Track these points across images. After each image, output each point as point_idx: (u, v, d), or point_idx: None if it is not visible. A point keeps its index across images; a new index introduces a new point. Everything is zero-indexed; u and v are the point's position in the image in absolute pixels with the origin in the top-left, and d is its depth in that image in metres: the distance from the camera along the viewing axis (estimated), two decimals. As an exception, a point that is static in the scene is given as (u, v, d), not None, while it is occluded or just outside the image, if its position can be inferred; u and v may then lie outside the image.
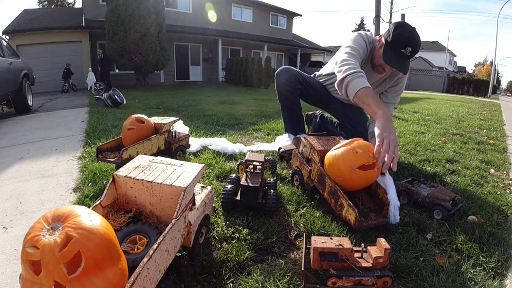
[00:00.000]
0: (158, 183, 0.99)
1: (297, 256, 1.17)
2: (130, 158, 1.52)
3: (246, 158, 1.59)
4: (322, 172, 1.48)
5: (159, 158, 1.16)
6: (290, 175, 1.83)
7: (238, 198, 1.43)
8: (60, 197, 1.64)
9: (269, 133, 3.19)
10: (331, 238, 1.03)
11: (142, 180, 1.00)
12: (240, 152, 2.33)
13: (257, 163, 1.57)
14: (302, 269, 1.00)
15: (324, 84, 2.34)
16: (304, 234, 1.21)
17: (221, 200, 1.43)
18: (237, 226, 1.30)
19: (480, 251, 1.23)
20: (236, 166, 1.97)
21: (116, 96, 5.41)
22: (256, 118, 4.16)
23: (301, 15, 20.78)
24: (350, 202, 1.29)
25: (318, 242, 1.00)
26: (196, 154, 2.29)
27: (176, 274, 1.02)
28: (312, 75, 2.46)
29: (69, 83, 10.67)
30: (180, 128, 2.31)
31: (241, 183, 1.45)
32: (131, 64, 10.27)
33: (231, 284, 1.00)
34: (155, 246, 0.79)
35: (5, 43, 5.10)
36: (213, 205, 1.29)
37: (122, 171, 1.05)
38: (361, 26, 44.67)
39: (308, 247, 1.10)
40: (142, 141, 1.86)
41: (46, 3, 27.81)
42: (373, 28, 5.33)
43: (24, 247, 0.66)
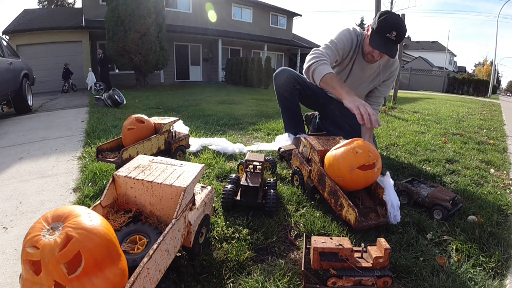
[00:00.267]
0: (158, 183, 0.99)
1: (297, 256, 1.17)
2: (130, 158, 1.52)
3: (246, 158, 1.59)
4: (322, 172, 1.48)
5: (159, 158, 1.16)
6: (290, 175, 1.83)
7: (238, 198, 1.43)
8: (60, 197, 1.64)
9: (269, 133, 3.19)
10: (331, 238, 1.03)
11: (142, 180, 1.00)
12: (240, 152, 2.33)
13: (257, 163, 1.57)
14: (302, 269, 1.00)
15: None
16: (304, 234, 1.21)
17: (221, 200, 1.43)
18: (237, 226, 1.30)
19: (480, 251, 1.23)
20: (236, 166, 1.97)
21: (116, 96, 5.41)
22: (256, 118, 4.17)
23: (301, 15, 20.78)
24: (350, 202, 1.29)
25: (318, 242, 1.00)
26: (196, 154, 2.29)
27: (176, 274, 1.02)
28: None
29: (69, 83, 10.61)
30: (180, 128, 2.31)
31: (241, 183, 1.45)
32: (131, 64, 10.27)
33: (231, 284, 1.00)
34: (155, 246, 0.79)
35: (5, 43, 5.10)
36: (213, 205, 1.29)
37: (122, 171, 1.05)
38: (361, 26, 44.66)
39: (308, 247, 1.10)
40: (142, 141, 1.86)
41: (46, 3, 27.80)
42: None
43: (24, 247, 0.66)
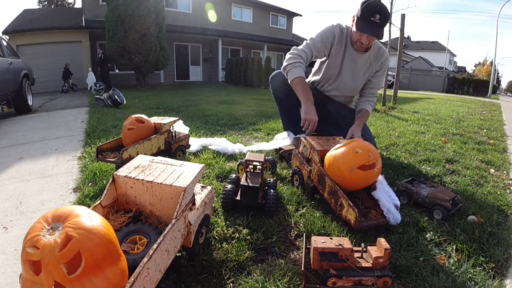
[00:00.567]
0: (158, 183, 0.99)
1: (297, 256, 1.17)
2: (130, 158, 1.52)
3: (246, 158, 1.59)
4: (322, 172, 1.48)
5: (159, 158, 1.16)
6: (290, 175, 1.83)
7: (238, 198, 1.43)
8: (60, 197, 1.64)
9: (269, 133, 3.19)
10: (331, 238, 1.03)
11: (142, 180, 1.00)
12: (240, 152, 2.33)
13: (257, 163, 1.57)
14: (302, 269, 1.00)
15: (317, 86, 2.36)
16: (304, 234, 1.21)
17: (221, 200, 1.43)
18: (237, 226, 1.30)
19: (480, 251, 1.23)
20: (236, 166, 1.97)
21: (116, 96, 5.40)
22: (256, 118, 4.17)
23: (301, 15, 20.77)
24: (350, 202, 1.29)
25: (318, 242, 1.00)
26: (196, 154, 2.29)
27: (176, 274, 1.02)
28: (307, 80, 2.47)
29: (69, 83, 10.54)
30: (180, 128, 2.31)
31: (241, 183, 1.45)
32: (131, 64, 10.26)
33: (231, 284, 1.00)
34: (155, 246, 0.79)
35: (5, 43, 5.10)
36: (213, 205, 1.29)
37: (122, 171, 1.05)
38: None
39: (308, 247, 1.10)
40: (142, 141, 1.86)
41: (46, 3, 27.78)
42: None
43: (24, 247, 0.66)
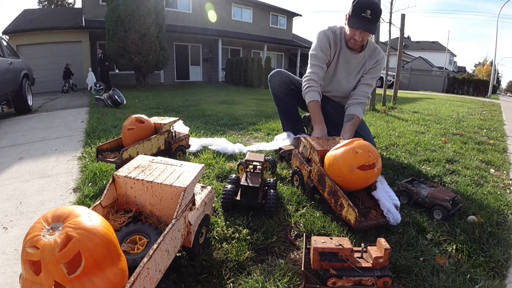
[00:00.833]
0: (158, 183, 0.99)
1: (297, 256, 1.17)
2: (130, 158, 1.52)
3: (246, 158, 1.59)
4: (322, 172, 1.48)
5: (159, 158, 1.16)
6: (290, 175, 1.83)
7: (238, 198, 1.43)
8: (60, 197, 1.65)
9: (269, 133, 3.19)
10: (331, 238, 1.03)
11: (142, 180, 1.00)
12: (240, 152, 2.33)
13: (257, 163, 1.57)
14: (302, 269, 1.00)
15: None
16: (304, 234, 1.21)
17: (221, 200, 1.43)
18: (237, 226, 1.30)
19: (480, 251, 1.23)
20: (236, 166, 1.97)
21: (116, 96, 5.41)
22: (256, 118, 4.17)
23: (301, 15, 20.78)
24: (350, 202, 1.29)
25: (318, 242, 1.00)
26: (196, 154, 2.29)
27: (176, 274, 1.02)
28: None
29: (70, 83, 10.49)
30: (180, 128, 2.31)
31: (241, 183, 1.45)
32: (131, 64, 10.26)
33: (231, 284, 1.00)
34: (155, 246, 0.79)
35: (5, 43, 5.10)
36: (213, 205, 1.29)
37: (122, 171, 1.05)
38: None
39: (308, 247, 1.10)
40: (142, 141, 1.86)
41: (46, 3, 27.79)
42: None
43: (24, 247, 0.66)
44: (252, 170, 1.55)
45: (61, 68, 10.53)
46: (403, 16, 6.32)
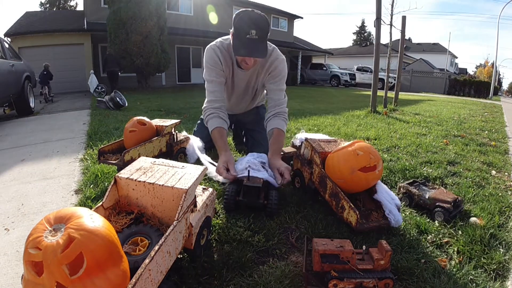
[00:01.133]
0: (160, 185, 0.99)
1: (298, 258, 1.16)
2: (132, 160, 1.53)
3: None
4: (323, 174, 1.48)
5: (161, 160, 1.16)
6: (291, 177, 1.83)
7: (241, 198, 1.43)
8: (62, 199, 1.65)
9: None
10: (332, 240, 1.03)
11: (144, 182, 1.01)
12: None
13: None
14: (303, 271, 1.00)
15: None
16: (305, 236, 1.21)
17: (223, 201, 1.44)
18: (238, 228, 1.30)
19: (482, 253, 1.22)
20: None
21: (118, 99, 5.42)
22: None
23: (302, 18, 20.80)
24: (351, 204, 1.29)
25: (319, 244, 1.00)
26: (197, 156, 2.28)
27: (178, 276, 1.02)
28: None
29: (49, 90, 8.17)
30: (196, 142, 2.14)
31: (244, 183, 1.45)
32: (133, 67, 10.29)
33: (232, 286, 1.00)
34: (157, 248, 0.80)
35: (7, 45, 5.13)
36: (215, 207, 1.29)
37: (124, 173, 1.05)
38: (362, 29, 44.72)
39: (309, 249, 1.10)
40: (144, 143, 1.86)
41: (48, 6, 27.96)
42: (374, 31, 5.34)
43: (26, 248, 0.67)
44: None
45: (63, 71, 10.42)
46: (404, 18, 6.33)
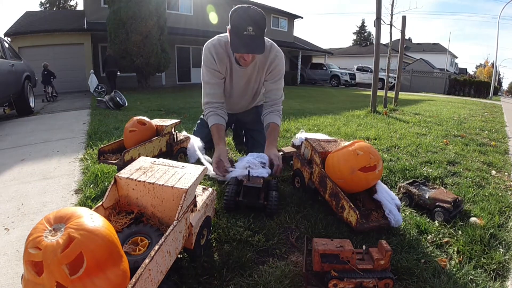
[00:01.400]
0: (160, 185, 0.99)
1: (298, 258, 1.16)
2: (132, 160, 1.53)
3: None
4: (323, 174, 1.48)
5: (161, 160, 1.16)
6: (291, 177, 1.83)
7: (240, 199, 1.43)
8: (62, 199, 1.65)
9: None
10: (332, 240, 1.03)
11: (144, 182, 1.01)
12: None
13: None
14: (303, 271, 1.00)
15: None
16: (305, 236, 1.21)
17: (224, 201, 1.44)
18: (238, 228, 1.30)
19: (482, 253, 1.22)
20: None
21: (118, 98, 5.42)
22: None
23: (302, 17, 20.81)
24: (351, 204, 1.29)
25: (319, 244, 1.00)
26: (197, 156, 2.28)
27: (178, 276, 1.02)
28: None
29: (50, 90, 8.31)
30: (196, 142, 2.14)
31: (244, 184, 1.45)
32: (133, 67, 10.29)
33: (232, 286, 1.00)
34: (157, 248, 0.80)
35: (7, 45, 5.13)
36: (214, 207, 1.29)
37: (124, 173, 1.05)
38: (362, 29, 44.73)
39: (309, 249, 1.10)
40: (144, 143, 1.86)
41: (48, 6, 27.96)
42: (374, 31, 5.33)
43: (26, 248, 0.67)
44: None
45: (63, 70, 10.42)
46: (404, 18, 6.33)
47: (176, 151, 2.10)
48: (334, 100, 8.82)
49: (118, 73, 10.19)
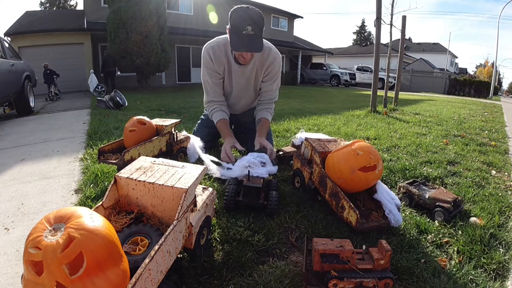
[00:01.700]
0: (160, 185, 0.99)
1: (298, 258, 1.16)
2: (132, 160, 1.53)
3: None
4: (323, 174, 1.48)
5: (161, 160, 1.16)
6: (291, 177, 1.83)
7: (240, 199, 1.43)
8: (62, 199, 1.65)
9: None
10: (332, 240, 1.03)
11: (144, 182, 1.01)
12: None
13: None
14: (303, 271, 1.00)
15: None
16: (305, 236, 1.21)
17: (224, 201, 1.44)
18: (238, 228, 1.30)
19: (482, 253, 1.22)
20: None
21: (118, 98, 5.42)
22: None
23: (302, 17, 20.82)
24: (351, 204, 1.29)
25: (319, 244, 1.00)
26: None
27: (178, 275, 1.02)
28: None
29: (53, 89, 8.47)
30: (196, 142, 2.15)
31: (244, 183, 1.45)
32: (133, 66, 10.29)
33: (232, 286, 1.00)
34: (157, 248, 0.80)
35: (7, 45, 5.13)
36: (214, 207, 1.29)
37: (124, 173, 1.05)
38: (362, 28, 44.73)
39: (309, 249, 1.10)
40: (144, 143, 1.86)
41: (48, 5, 27.95)
42: (374, 30, 5.33)
43: (26, 248, 0.67)
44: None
45: (64, 70, 10.42)
46: (404, 18, 6.32)
47: (176, 151, 2.10)
48: (334, 100, 8.82)
49: (118, 73, 10.19)
